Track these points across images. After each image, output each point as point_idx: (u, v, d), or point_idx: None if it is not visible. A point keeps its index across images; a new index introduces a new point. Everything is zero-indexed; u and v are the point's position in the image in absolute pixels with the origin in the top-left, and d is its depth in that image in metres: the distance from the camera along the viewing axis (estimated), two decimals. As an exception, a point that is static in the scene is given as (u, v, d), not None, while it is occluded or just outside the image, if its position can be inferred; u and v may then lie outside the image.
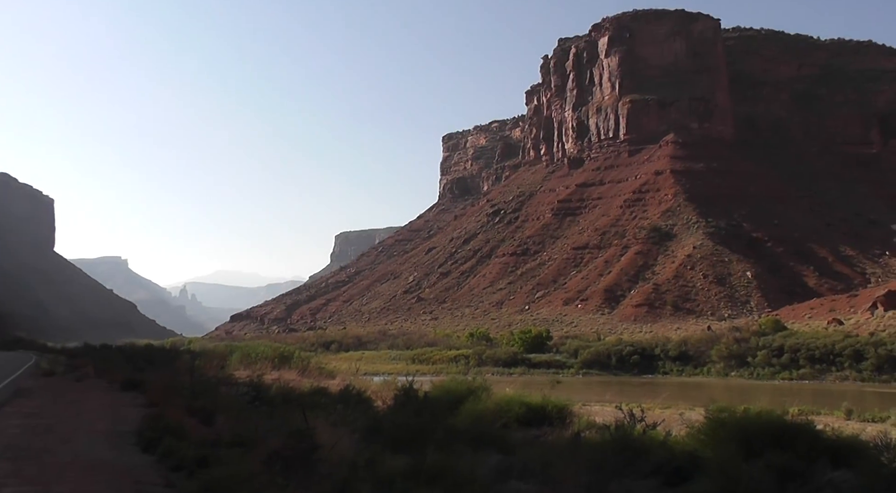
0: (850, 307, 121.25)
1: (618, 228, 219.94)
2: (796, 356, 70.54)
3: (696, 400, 42.89)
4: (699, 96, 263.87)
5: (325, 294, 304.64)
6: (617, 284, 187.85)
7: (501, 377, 75.95)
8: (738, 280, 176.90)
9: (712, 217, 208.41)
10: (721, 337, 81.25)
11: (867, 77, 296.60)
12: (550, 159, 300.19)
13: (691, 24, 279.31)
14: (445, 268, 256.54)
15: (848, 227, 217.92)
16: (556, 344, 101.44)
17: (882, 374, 64.16)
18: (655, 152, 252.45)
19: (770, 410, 22.93)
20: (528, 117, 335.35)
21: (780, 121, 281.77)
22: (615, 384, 69.93)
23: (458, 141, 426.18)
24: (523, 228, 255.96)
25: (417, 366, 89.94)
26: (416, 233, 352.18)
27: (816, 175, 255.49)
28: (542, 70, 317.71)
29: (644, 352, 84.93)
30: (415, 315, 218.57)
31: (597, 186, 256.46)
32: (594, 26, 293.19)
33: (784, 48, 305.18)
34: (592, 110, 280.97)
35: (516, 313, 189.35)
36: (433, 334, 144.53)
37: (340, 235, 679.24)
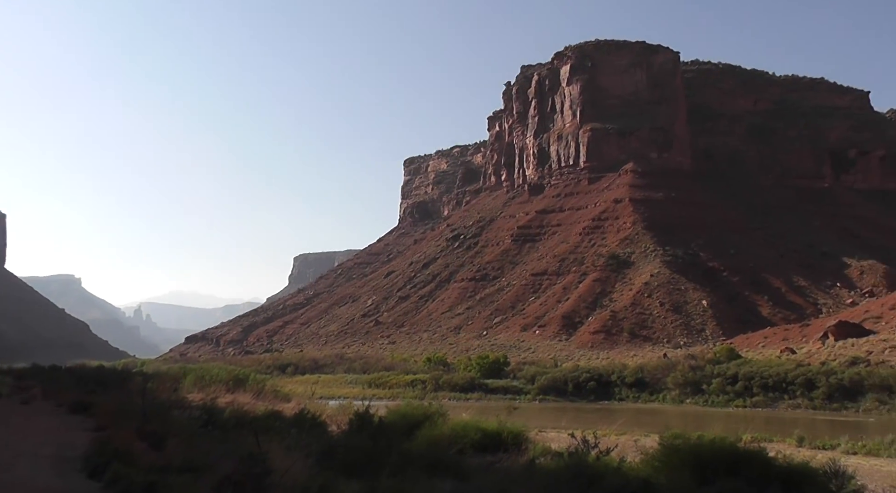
0: (803, 337, 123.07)
1: (576, 254, 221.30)
2: (750, 384, 71.21)
3: (651, 427, 43.15)
4: (659, 127, 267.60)
5: (282, 316, 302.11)
6: (575, 310, 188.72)
7: (458, 403, 75.59)
8: (694, 308, 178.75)
9: (670, 246, 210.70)
10: (677, 364, 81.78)
11: (820, 113, 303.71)
12: (511, 185, 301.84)
13: (652, 56, 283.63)
14: (404, 292, 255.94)
15: (801, 258, 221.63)
16: (513, 370, 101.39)
17: (833, 402, 65.01)
18: (615, 181, 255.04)
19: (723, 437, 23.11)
20: (489, 143, 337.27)
21: (737, 153, 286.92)
22: (571, 411, 69.94)
23: (419, 165, 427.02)
24: (483, 253, 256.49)
25: (374, 390, 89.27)
26: (375, 256, 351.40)
27: (771, 207, 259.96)
28: (505, 96, 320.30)
29: (601, 378, 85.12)
30: (373, 339, 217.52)
31: (556, 212, 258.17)
32: (556, 54, 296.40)
33: (740, 82, 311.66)
34: (553, 137, 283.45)
35: (474, 339, 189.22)
36: (390, 358, 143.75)
37: (299, 257, 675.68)
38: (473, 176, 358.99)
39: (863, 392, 64.39)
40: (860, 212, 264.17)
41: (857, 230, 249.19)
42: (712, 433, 23.26)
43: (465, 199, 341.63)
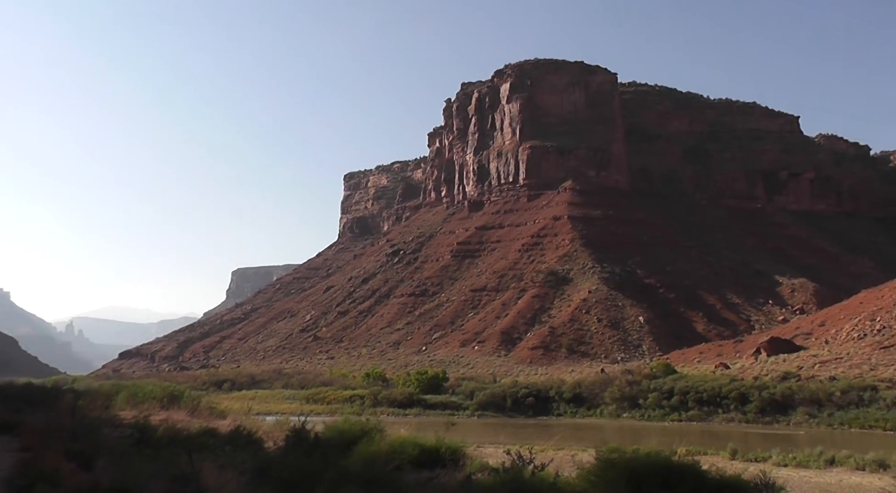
0: (736, 352, 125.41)
1: (515, 271, 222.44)
2: (685, 399, 72.09)
3: (588, 441, 43.35)
4: (597, 146, 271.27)
5: (219, 331, 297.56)
6: (514, 326, 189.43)
7: (397, 418, 75.29)
8: (631, 325, 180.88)
9: (607, 263, 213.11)
10: (614, 380, 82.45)
11: (752, 136, 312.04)
12: (451, 201, 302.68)
13: (590, 77, 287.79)
14: (343, 307, 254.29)
15: (735, 276, 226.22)
16: (452, 385, 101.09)
17: (765, 416, 66.18)
18: (554, 198, 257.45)
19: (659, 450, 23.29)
20: (429, 159, 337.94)
21: (673, 173, 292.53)
22: (510, 426, 70.05)
23: (359, 180, 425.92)
24: (422, 269, 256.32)
25: (312, 406, 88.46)
26: (314, 271, 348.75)
27: (706, 226, 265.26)
28: (445, 113, 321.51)
29: (539, 394, 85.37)
30: (311, 354, 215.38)
31: (496, 229, 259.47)
32: (497, 72, 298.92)
33: (676, 105, 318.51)
34: (493, 155, 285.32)
35: (413, 354, 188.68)
36: (329, 373, 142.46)
37: (237, 272, 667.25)
38: (413, 192, 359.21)
39: (793, 406, 65.72)
40: (791, 232, 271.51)
41: (789, 250, 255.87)
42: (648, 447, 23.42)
43: (405, 214, 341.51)
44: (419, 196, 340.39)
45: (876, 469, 33.51)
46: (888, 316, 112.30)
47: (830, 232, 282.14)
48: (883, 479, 31.53)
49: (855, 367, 76.68)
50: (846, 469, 34.47)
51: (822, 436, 54.62)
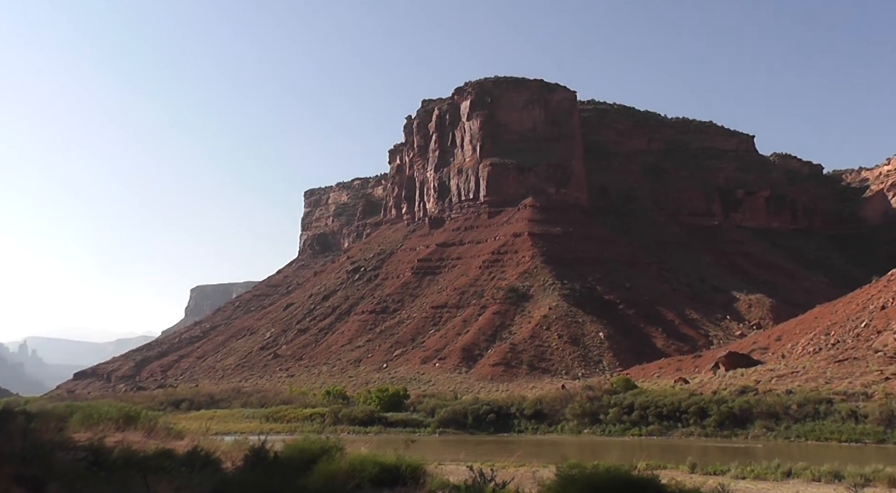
0: (695, 367, 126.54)
1: (476, 288, 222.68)
2: (646, 414, 72.49)
3: (549, 458, 43.34)
4: (556, 163, 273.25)
5: (177, 350, 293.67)
6: (475, 343, 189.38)
7: (357, 436, 74.59)
8: (592, 341, 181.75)
9: (567, 279, 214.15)
10: (575, 396, 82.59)
11: (709, 155, 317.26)
12: (411, 218, 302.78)
13: (549, 94, 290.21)
14: (303, 324, 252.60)
15: (693, 292, 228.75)
16: (413, 403, 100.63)
17: (724, 430, 66.77)
18: (514, 215, 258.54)
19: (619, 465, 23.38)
20: (390, 176, 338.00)
21: (632, 190, 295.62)
22: (471, 443, 69.80)
23: (319, 197, 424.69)
24: (383, 286, 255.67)
25: (271, 425, 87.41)
26: (274, 288, 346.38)
27: (664, 243, 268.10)
28: (406, 130, 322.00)
29: (500, 411, 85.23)
30: (271, 372, 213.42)
31: (456, 246, 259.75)
32: (457, 89, 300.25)
33: (635, 123, 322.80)
34: (454, 171, 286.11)
35: (374, 371, 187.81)
36: (289, 391, 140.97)
37: (196, 289, 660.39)
38: (374, 209, 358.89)
39: (751, 419, 66.40)
40: (748, 249, 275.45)
41: (746, 266, 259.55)
42: (608, 463, 23.50)
43: (366, 231, 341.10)
44: (380, 213, 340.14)
45: (831, 480, 33.94)
46: (842, 330, 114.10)
47: (785, 249, 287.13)
48: (838, 490, 31.95)
49: (811, 380, 77.71)
50: (803, 481, 34.83)
51: (780, 449, 55.21)
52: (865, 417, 60.13)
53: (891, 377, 72.46)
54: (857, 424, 60.20)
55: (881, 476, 32.78)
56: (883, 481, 32.26)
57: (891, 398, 61.04)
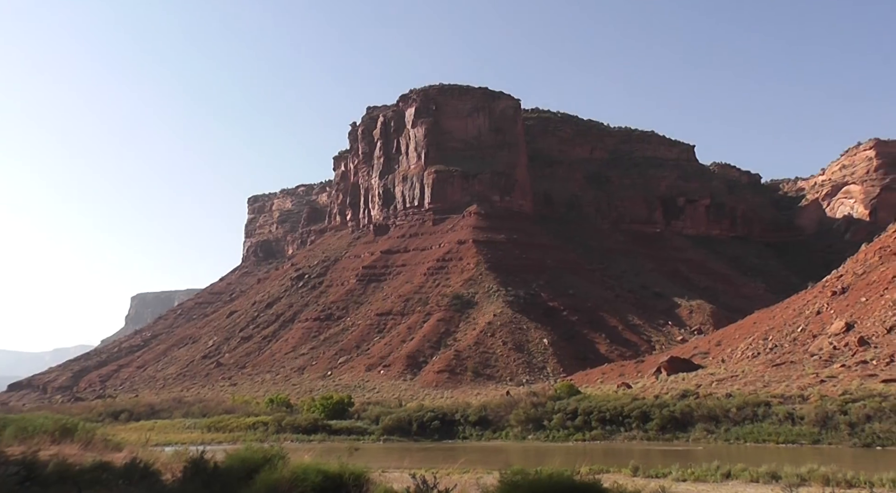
0: (638, 372, 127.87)
1: (421, 295, 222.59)
2: (589, 419, 72.98)
3: (493, 464, 43.36)
4: (501, 171, 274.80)
5: (117, 360, 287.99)
6: (419, 350, 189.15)
7: (301, 445, 73.95)
8: (536, 347, 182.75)
9: (512, 286, 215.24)
10: (519, 402, 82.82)
11: (651, 164, 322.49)
12: (356, 225, 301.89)
13: (494, 102, 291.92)
14: (247, 332, 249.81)
15: (635, 298, 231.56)
16: (357, 410, 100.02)
17: (665, 433, 67.55)
18: (459, 222, 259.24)
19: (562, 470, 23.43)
20: (335, 183, 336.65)
21: (575, 198, 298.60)
22: (415, 450, 69.61)
23: (263, 203, 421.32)
24: (327, 293, 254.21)
25: (213, 434, 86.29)
26: (217, 296, 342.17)
27: (607, 250, 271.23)
28: (351, 137, 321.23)
29: (445, 417, 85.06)
30: (213, 381, 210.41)
31: (401, 253, 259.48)
32: (402, 97, 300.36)
33: (578, 132, 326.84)
34: (398, 179, 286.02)
35: (318, 379, 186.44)
36: (231, 400, 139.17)
37: (137, 297, 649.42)
38: (318, 215, 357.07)
39: (692, 423, 67.30)
40: (689, 256, 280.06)
41: (687, 273, 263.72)
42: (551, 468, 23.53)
43: (310, 238, 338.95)
44: (324, 220, 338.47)
45: (769, 481, 34.56)
46: (779, 335, 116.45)
47: (725, 256, 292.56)
48: (775, 490, 32.54)
49: (749, 384, 79.10)
50: (742, 482, 35.41)
51: (719, 451, 56.06)
52: (801, 419, 61.36)
53: (826, 380, 74.13)
54: (793, 426, 61.40)
55: (816, 476, 33.50)
56: (818, 480, 32.96)
57: (826, 401, 62.40)
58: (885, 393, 61.42)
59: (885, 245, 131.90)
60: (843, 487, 31.52)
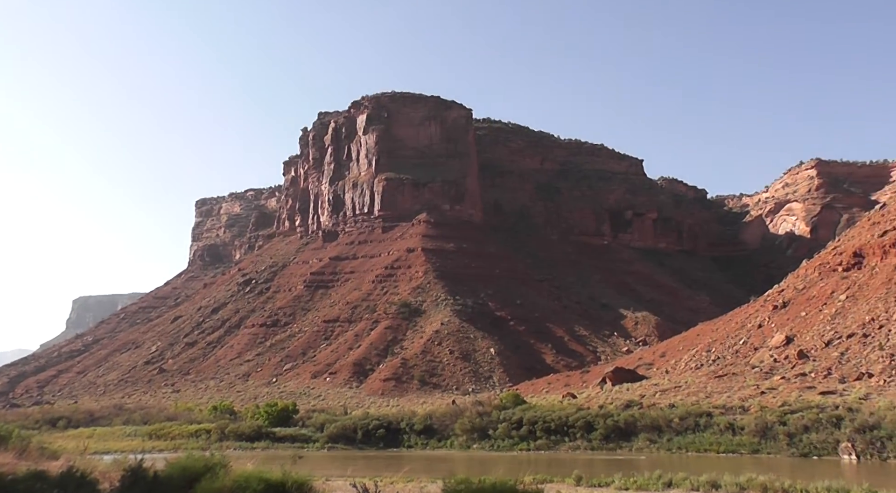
0: (583, 382, 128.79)
1: (369, 302, 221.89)
2: (534, 428, 73.11)
3: (437, 473, 43.25)
4: (451, 180, 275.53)
5: (56, 365, 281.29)
6: (366, 357, 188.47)
7: (244, 452, 73.09)
8: (483, 356, 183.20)
9: (460, 295, 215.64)
10: (465, 411, 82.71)
11: (600, 176, 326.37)
12: (305, 231, 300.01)
13: (446, 111, 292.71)
14: (191, 338, 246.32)
15: (582, 309, 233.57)
16: (302, 418, 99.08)
17: (609, 443, 67.97)
18: (408, 230, 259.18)
19: (505, 480, 23.47)
20: (284, 188, 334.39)
21: (525, 209, 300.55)
22: (360, 459, 69.13)
23: (211, 207, 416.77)
24: (274, 299, 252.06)
25: (154, 442, 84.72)
26: (162, 300, 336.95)
27: (555, 261, 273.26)
28: (301, 142, 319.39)
29: (390, 426, 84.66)
30: (155, 388, 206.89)
31: (350, 260, 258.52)
32: (354, 103, 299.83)
33: (529, 143, 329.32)
34: (349, 185, 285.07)
35: (263, 386, 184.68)
36: (174, 407, 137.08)
37: (79, 300, 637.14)
38: (267, 220, 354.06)
39: (636, 432, 67.81)
40: (635, 268, 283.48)
41: (633, 284, 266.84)
42: (495, 477, 23.54)
43: (258, 243, 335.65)
44: (273, 225, 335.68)
45: (709, 489, 34.91)
46: (722, 347, 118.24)
47: (671, 269, 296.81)
48: (716, 498, 32.95)
49: (692, 394, 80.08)
50: (682, 490, 35.72)
51: (662, 460, 56.58)
52: (742, 429, 62.24)
53: (766, 392, 75.36)
54: (734, 435, 62.23)
55: (755, 484, 33.96)
56: (756, 489, 33.42)
57: (765, 411, 63.39)
58: (822, 405, 62.60)
59: (824, 262, 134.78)
60: (781, 495, 32.00)
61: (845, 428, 56.67)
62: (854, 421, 56.65)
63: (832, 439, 56.69)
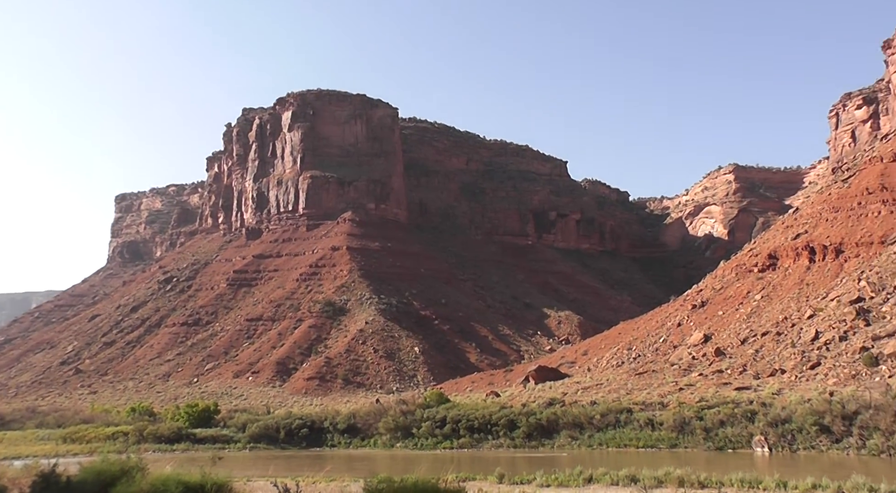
0: (507, 381, 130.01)
1: (293, 301, 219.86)
2: (457, 427, 73.44)
3: (360, 472, 43.15)
4: (377, 179, 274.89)
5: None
6: (289, 356, 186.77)
7: (163, 455, 71.68)
8: (407, 355, 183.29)
9: (384, 294, 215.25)
10: (389, 410, 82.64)
11: (525, 177, 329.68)
12: (228, 228, 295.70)
13: (371, 110, 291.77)
14: (109, 337, 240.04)
15: (506, 308, 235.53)
16: (224, 418, 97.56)
17: (532, 441, 68.72)
18: (333, 229, 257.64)
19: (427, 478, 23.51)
20: (207, 184, 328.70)
21: (450, 208, 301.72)
22: (283, 459, 68.56)
23: (131, 202, 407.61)
24: (196, 297, 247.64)
25: (69, 446, 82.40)
26: (79, 298, 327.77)
27: (480, 260, 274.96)
28: (225, 138, 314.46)
29: (313, 425, 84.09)
30: (71, 389, 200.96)
31: (274, 258, 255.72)
32: (279, 100, 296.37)
33: (454, 143, 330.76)
34: (273, 182, 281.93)
35: (184, 386, 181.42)
36: (90, 409, 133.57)
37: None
38: (189, 217, 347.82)
39: (558, 430, 68.72)
40: (559, 268, 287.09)
41: (556, 284, 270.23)
42: (417, 476, 23.56)
43: (180, 240, 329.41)
44: (195, 222, 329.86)
45: (628, 484, 35.59)
46: (642, 345, 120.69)
47: (593, 269, 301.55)
48: (633, 492, 33.61)
49: (613, 392, 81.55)
50: (602, 485, 36.31)
51: (583, 456, 57.37)
52: (661, 424, 63.63)
53: (684, 388, 77.23)
54: (653, 431, 63.60)
55: (671, 478, 34.75)
56: (673, 482, 34.19)
57: (683, 407, 64.93)
58: (737, 400, 64.43)
59: (740, 263, 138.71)
60: (696, 488, 32.79)
61: (759, 422, 58.51)
62: (767, 415, 58.54)
63: (746, 432, 58.48)
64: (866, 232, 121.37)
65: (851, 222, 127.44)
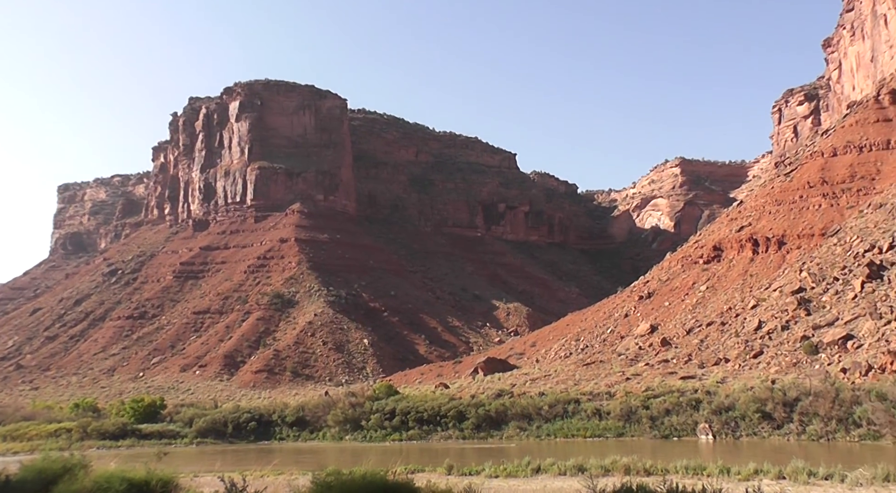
0: (456, 373, 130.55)
1: (241, 293, 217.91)
2: (406, 419, 73.52)
3: (308, 465, 43.00)
4: (325, 170, 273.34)
5: None
6: (237, 349, 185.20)
7: (107, 451, 70.60)
8: (356, 347, 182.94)
9: (333, 286, 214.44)
10: (337, 402, 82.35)
11: (474, 169, 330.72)
12: (175, 220, 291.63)
13: (320, 101, 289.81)
14: (52, 332, 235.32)
15: (455, 300, 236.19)
16: (170, 413, 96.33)
17: (480, 432, 69.11)
18: (281, 220, 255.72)
19: (375, 471, 23.51)
20: (153, 174, 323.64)
21: (399, 200, 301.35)
22: (231, 453, 67.99)
23: (75, 193, 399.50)
24: (142, 290, 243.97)
25: (9, 444, 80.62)
26: (19, 291, 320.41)
27: (429, 252, 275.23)
28: (171, 127, 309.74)
29: (261, 418, 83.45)
30: (12, 385, 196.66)
31: (221, 250, 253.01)
32: (226, 89, 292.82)
33: (403, 134, 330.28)
34: (220, 173, 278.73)
35: (129, 381, 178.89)
36: (32, 406, 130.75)
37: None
38: (134, 208, 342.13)
39: (506, 421, 69.17)
40: (507, 260, 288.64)
41: (505, 276, 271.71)
42: (365, 468, 23.55)
43: (125, 232, 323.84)
44: (141, 213, 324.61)
45: (575, 473, 35.98)
46: (590, 336, 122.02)
47: (542, 261, 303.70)
48: (581, 482, 33.97)
49: (561, 383, 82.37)
50: (550, 476, 36.66)
51: (531, 447, 57.89)
52: (608, 414, 64.47)
53: (631, 378, 78.31)
54: (600, 421, 64.40)
55: (618, 466, 35.27)
56: (619, 470, 34.69)
57: (630, 397, 65.84)
58: (682, 389, 65.56)
59: (686, 255, 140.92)
60: (642, 475, 33.28)
61: (703, 410, 59.68)
62: (711, 404, 59.73)
63: (691, 420, 59.59)
64: (807, 225, 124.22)
65: (793, 215, 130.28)
